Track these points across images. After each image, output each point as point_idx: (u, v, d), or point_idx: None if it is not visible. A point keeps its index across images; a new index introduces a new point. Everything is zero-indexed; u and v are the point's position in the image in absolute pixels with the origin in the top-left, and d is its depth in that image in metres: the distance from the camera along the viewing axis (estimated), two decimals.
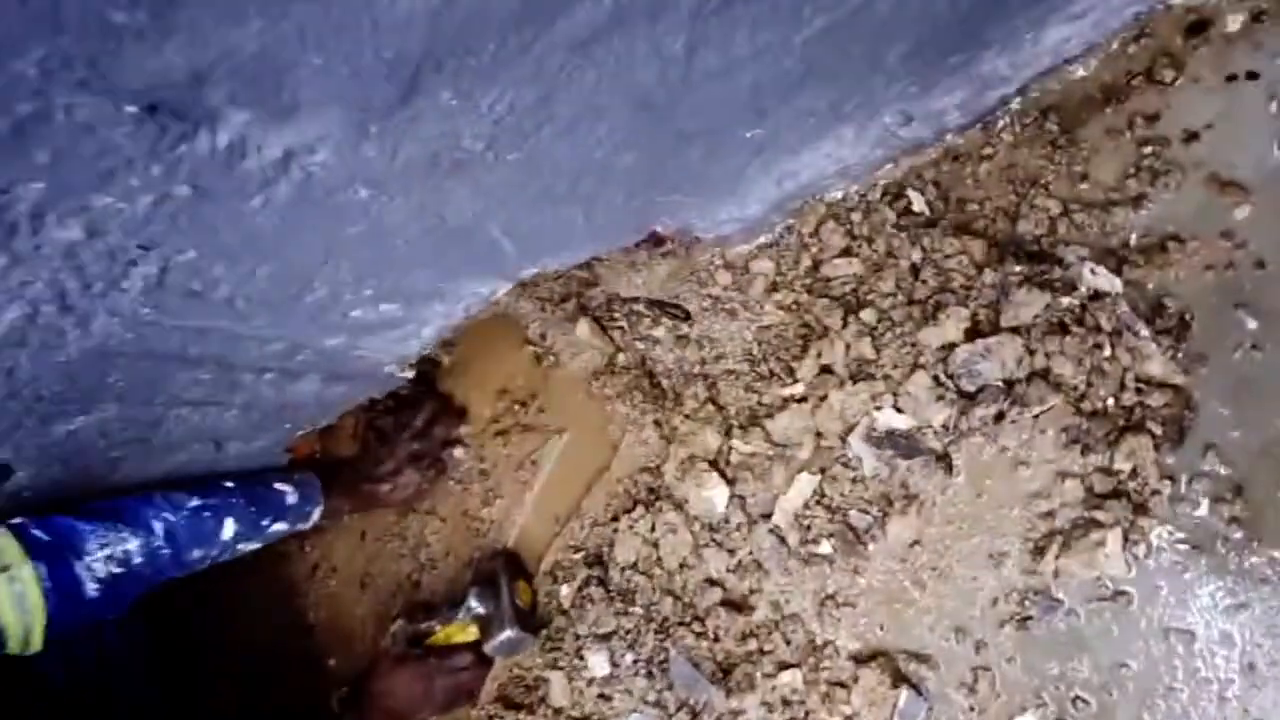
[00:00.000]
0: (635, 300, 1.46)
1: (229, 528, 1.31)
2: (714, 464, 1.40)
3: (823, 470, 1.34)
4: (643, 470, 1.49)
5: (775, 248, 1.43)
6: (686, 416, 1.43)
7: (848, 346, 1.30)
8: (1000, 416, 1.22)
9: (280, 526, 1.41)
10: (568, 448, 1.61)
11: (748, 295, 1.45)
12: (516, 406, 1.68)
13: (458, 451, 1.70)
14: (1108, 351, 1.13)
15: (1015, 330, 1.18)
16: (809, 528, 1.33)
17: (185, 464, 1.27)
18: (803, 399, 1.33)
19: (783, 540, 1.34)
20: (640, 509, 1.45)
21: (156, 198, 0.72)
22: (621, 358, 1.54)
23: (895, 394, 1.28)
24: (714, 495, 1.38)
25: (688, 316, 1.44)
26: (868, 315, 1.30)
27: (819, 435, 1.33)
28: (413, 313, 1.13)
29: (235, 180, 0.74)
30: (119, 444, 1.12)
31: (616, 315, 1.57)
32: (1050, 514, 1.17)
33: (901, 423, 1.29)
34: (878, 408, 1.29)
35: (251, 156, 0.72)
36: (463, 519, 1.71)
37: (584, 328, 1.49)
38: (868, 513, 1.31)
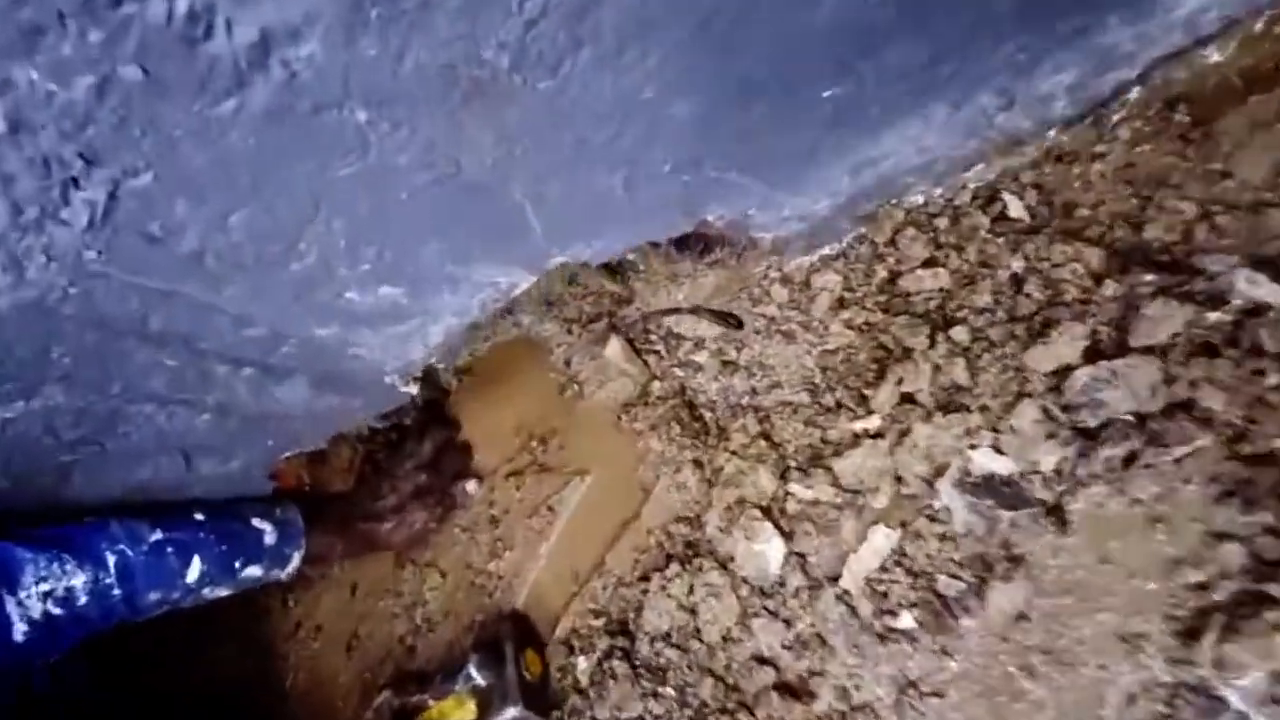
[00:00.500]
0: (676, 311, 1.31)
1: (195, 568, 1.15)
2: (767, 512, 1.21)
3: (903, 524, 1.15)
4: (679, 520, 1.31)
5: (843, 259, 1.28)
6: (733, 454, 1.25)
7: (935, 370, 1.13)
8: (1130, 459, 1.03)
9: (254, 571, 1.25)
10: (591, 492, 1.43)
11: (809, 314, 1.28)
12: (534, 443, 1.51)
13: (470, 486, 1.53)
14: (1273, 380, 0.94)
15: (1149, 351, 1.00)
16: (886, 595, 1.13)
17: (148, 482, 1.12)
18: (878, 434, 1.15)
19: (853, 610, 1.14)
20: (675, 567, 1.26)
21: (98, 80, 0.59)
22: (657, 386, 1.38)
23: (995, 429, 1.09)
24: (767, 551, 1.19)
25: (740, 325, 1.27)
26: (959, 334, 1.13)
27: (899, 480, 1.14)
28: (419, 302, 0.98)
29: (198, 69, 0.60)
30: (69, 445, 0.98)
31: (653, 337, 1.41)
32: (1203, 586, 0.96)
33: (1003, 466, 1.10)
34: (973, 446, 1.10)
35: (219, 35, 0.59)
36: (466, 573, 1.52)
37: (615, 348, 1.33)
38: (960, 578, 1.10)
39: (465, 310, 1.07)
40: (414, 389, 1.22)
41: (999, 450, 1.11)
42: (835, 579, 1.17)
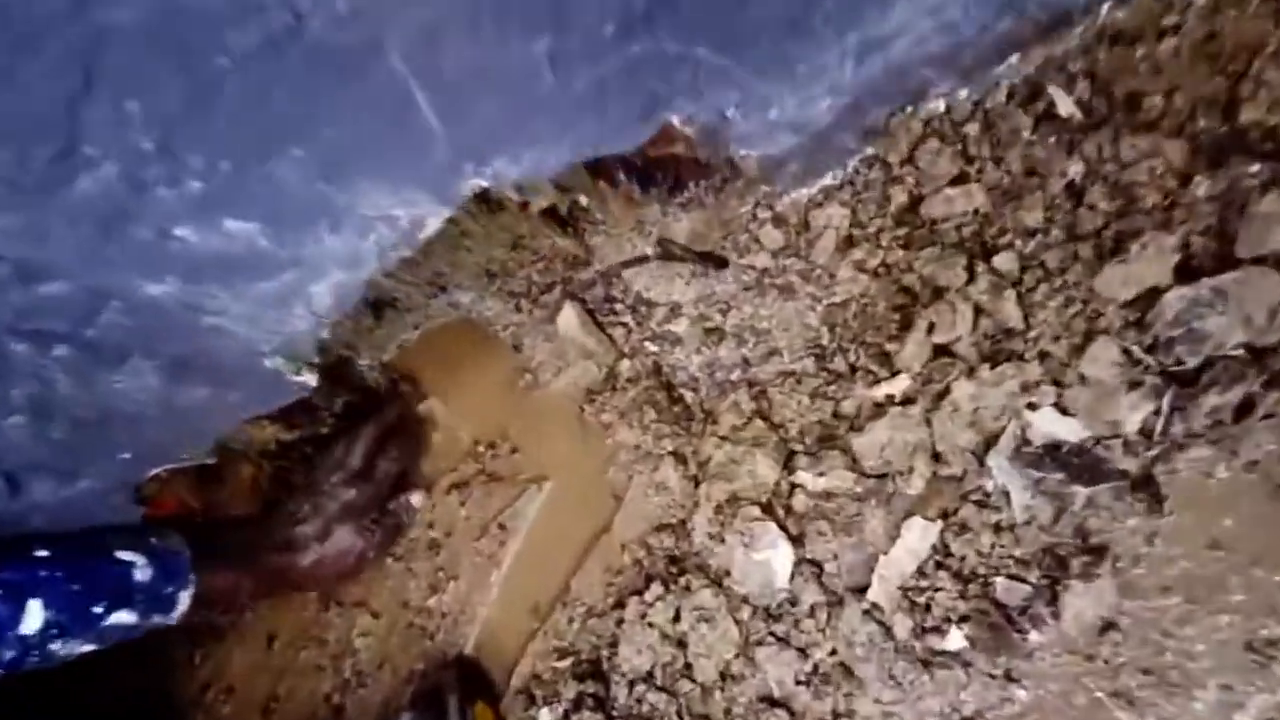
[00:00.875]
0: (640, 262, 1.07)
1: (34, 615, 0.91)
2: (768, 510, 0.98)
3: (945, 514, 0.92)
4: (660, 529, 1.08)
5: (850, 189, 1.05)
6: (724, 441, 1.02)
7: (977, 312, 0.90)
8: (1245, 410, 0.80)
9: (124, 617, 1.00)
10: (550, 503, 1.21)
11: (810, 260, 1.06)
12: (480, 448, 1.27)
13: (414, 499, 1.28)
14: None
15: (1262, 261, 0.77)
16: (928, 608, 0.90)
17: None
18: (907, 400, 0.93)
19: (886, 630, 0.91)
20: (657, 588, 1.04)
21: None
22: (626, 366, 1.14)
23: (1059, 382, 0.87)
24: (771, 560, 0.96)
25: (723, 264, 1.04)
26: (1004, 263, 0.91)
27: (936, 457, 0.91)
28: (286, 245, 0.75)
29: None
30: None
31: (619, 306, 1.17)
32: None
33: (1071, 429, 0.88)
34: (1031, 406, 0.88)
35: None
36: (402, 613, 1.28)
37: (570, 320, 1.11)
38: (1024, 580, 0.88)
39: (356, 259, 0.83)
40: (308, 378, 0.98)
41: (1066, 409, 0.89)
42: (861, 591, 0.94)
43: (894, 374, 0.98)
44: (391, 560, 1.34)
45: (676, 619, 1.05)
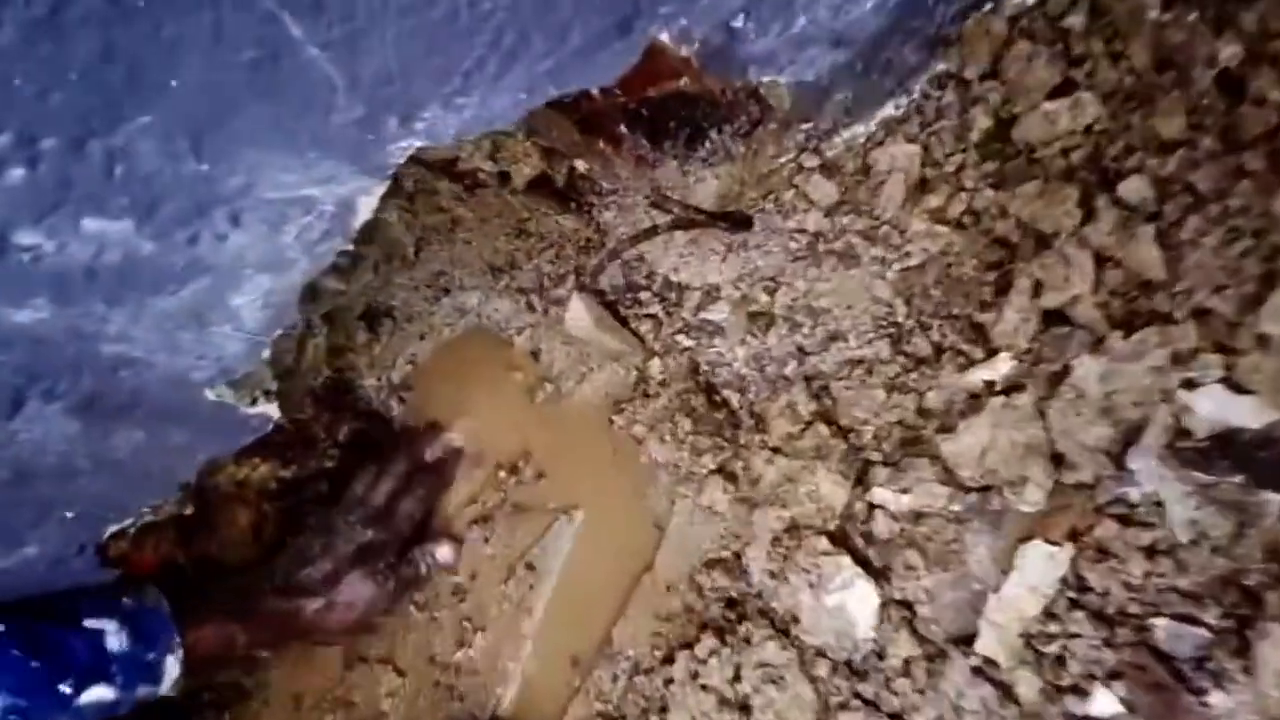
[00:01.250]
0: (651, 234, 0.89)
1: None
2: (839, 541, 0.80)
3: (1075, 534, 0.71)
4: (711, 565, 0.91)
5: (917, 118, 0.85)
6: (777, 453, 0.83)
7: (1099, 261, 0.68)
8: None
9: (103, 693, 0.90)
10: (583, 537, 1.05)
11: (874, 215, 0.87)
12: (502, 474, 1.11)
13: (442, 553, 1.14)
14: None
15: None
16: (1061, 662, 0.70)
17: None
18: (1013, 387, 0.72)
19: (1005, 692, 0.70)
20: (711, 640, 0.88)
21: None
22: (657, 366, 0.96)
23: (1227, 347, 0.64)
24: (847, 603, 0.78)
25: (746, 224, 0.85)
26: (1134, 191, 0.68)
27: (1056, 460, 0.70)
28: (176, 245, 0.61)
29: None
30: None
31: (644, 295, 1.00)
32: None
33: (1250, 411, 0.66)
34: (1189, 384, 0.66)
35: None
36: (429, 670, 1.15)
37: (579, 315, 0.94)
38: (1197, 620, 0.66)
39: (279, 259, 0.69)
40: (266, 409, 0.84)
41: (1239, 385, 0.66)
42: (968, 641, 0.74)
43: (992, 353, 0.77)
44: (414, 609, 1.20)
45: (736, 678, 0.88)
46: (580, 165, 0.90)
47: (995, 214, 0.81)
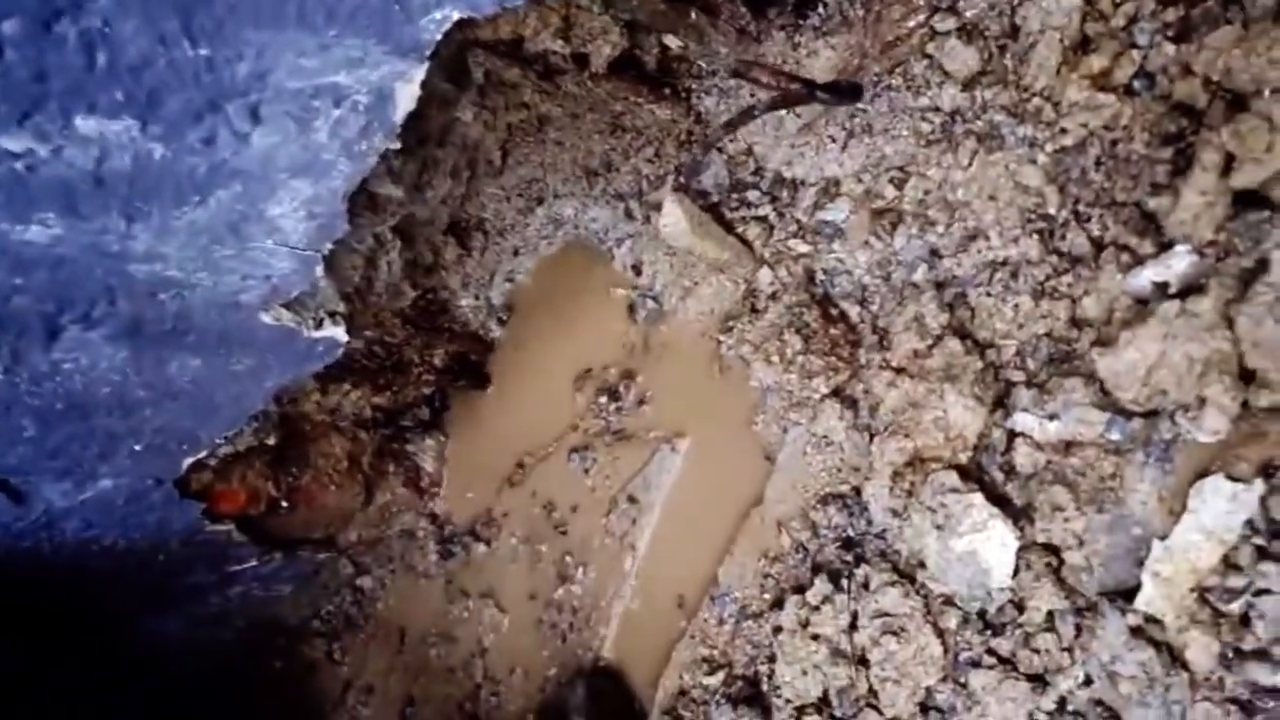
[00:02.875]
0: (749, 117, 0.84)
1: None
2: (970, 476, 0.74)
3: (1268, 468, 0.62)
4: (825, 499, 0.88)
5: None
6: (899, 374, 0.77)
7: None
8: None
9: None
10: (688, 467, 1.02)
11: (1023, 87, 0.79)
12: (602, 399, 1.12)
13: None
14: None
15: None
16: (1245, 622, 0.62)
17: None
18: (1191, 289, 0.63)
19: (1172, 655, 0.64)
20: (824, 583, 0.84)
21: None
22: (767, 277, 0.92)
23: None
24: (980, 549, 0.75)
25: (854, 95, 0.78)
26: None
27: (1247, 376, 0.61)
28: (190, 145, 0.64)
29: None
30: None
31: (752, 195, 0.94)
32: None
33: None
34: None
35: None
36: (530, 606, 1.17)
37: (676, 218, 0.89)
38: None
39: (314, 160, 0.70)
40: (333, 332, 0.86)
41: None
42: (1126, 595, 0.68)
43: (1165, 248, 0.69)
44: (513, 541, 1.23)
45: (853, 627, 0.84)
46: (672, 42, 0.85)
47: (1176, 74, 0.71)
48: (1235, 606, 0.66)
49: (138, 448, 0.93)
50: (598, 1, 0.76)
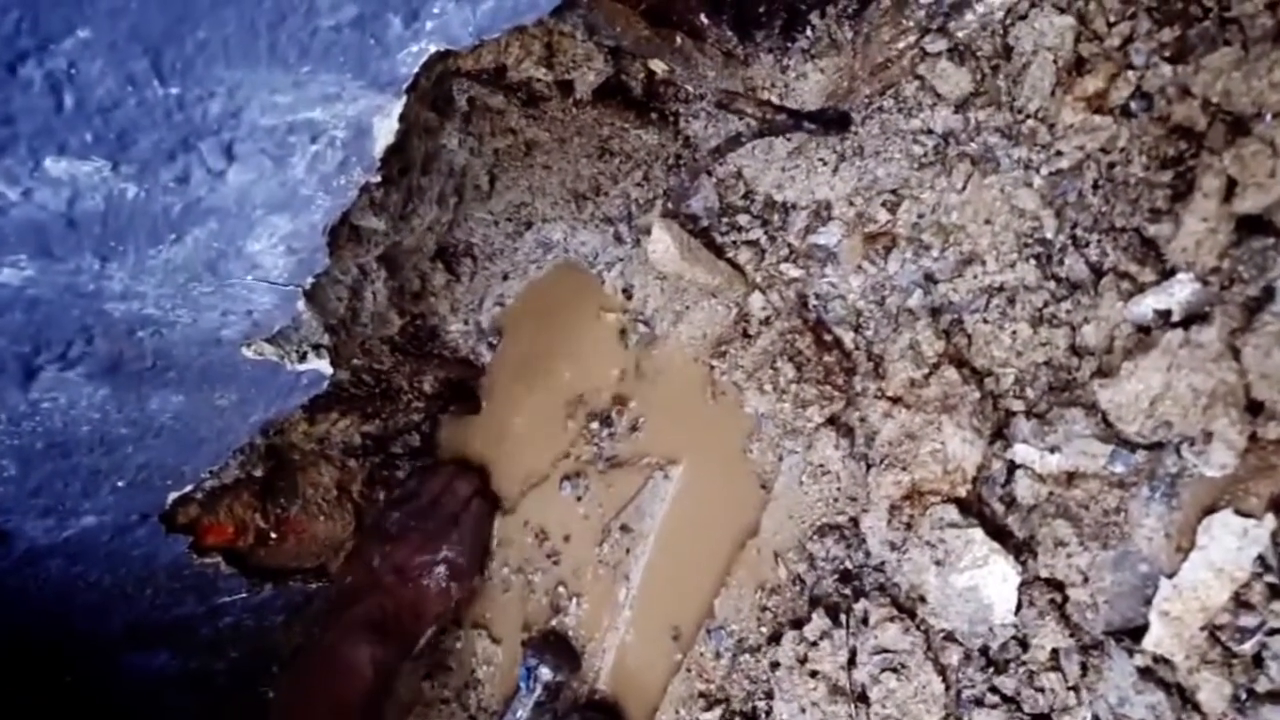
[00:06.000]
0: (735, 144, 0.81)
1: None
2: (970, 509, 0.71)
3: (1278, 503, 0.59)
4: (822, 531, 0.84)
5: None
6: (896, 404, 0.74)
7: None
8: None
9: None
10: (682, 495, 0.98)
11: (1016, 109, 0.77)
12: (594, 424, 1.08)
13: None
14: None
15: None
16: (1258, 663, 0.59)
17: None
18: (1195, 317, 0.60)
19: (1183, 698, 0.61)
20: (822, 619, 0.81)
21: None
22: (759, 302, 0.89)
23: None
24: (981, 584, 0.71)
25: (842, 124, 0.76)
26: None
27: (1254, 409, 0.59)
28: (164, 185, 0.61)
29: None
30: None
31: (742, 219, 0.92)
32: None
33: None
34: None
35: None
36: (524, 637, 1.13)
37: (664, 244, 0.86)
38: None
39: (292, 196, 0.67)
40: (317, 365, 0.83)
41: None
42: (1135, 634, 0.65)
43: (1167, 275, 0.66)
44: (507, 571, 1.19)
45: (852, 663, 0.81)
46: (657, 67, 0.83)
47: (1174, 95, 0.68)
48: (1248, 646, 0.63)
49: (121, 484, 0.90)
50: (580, 28, 0.73)
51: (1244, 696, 0.63)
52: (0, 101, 0.51)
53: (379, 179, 0.68)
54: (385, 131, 0.65)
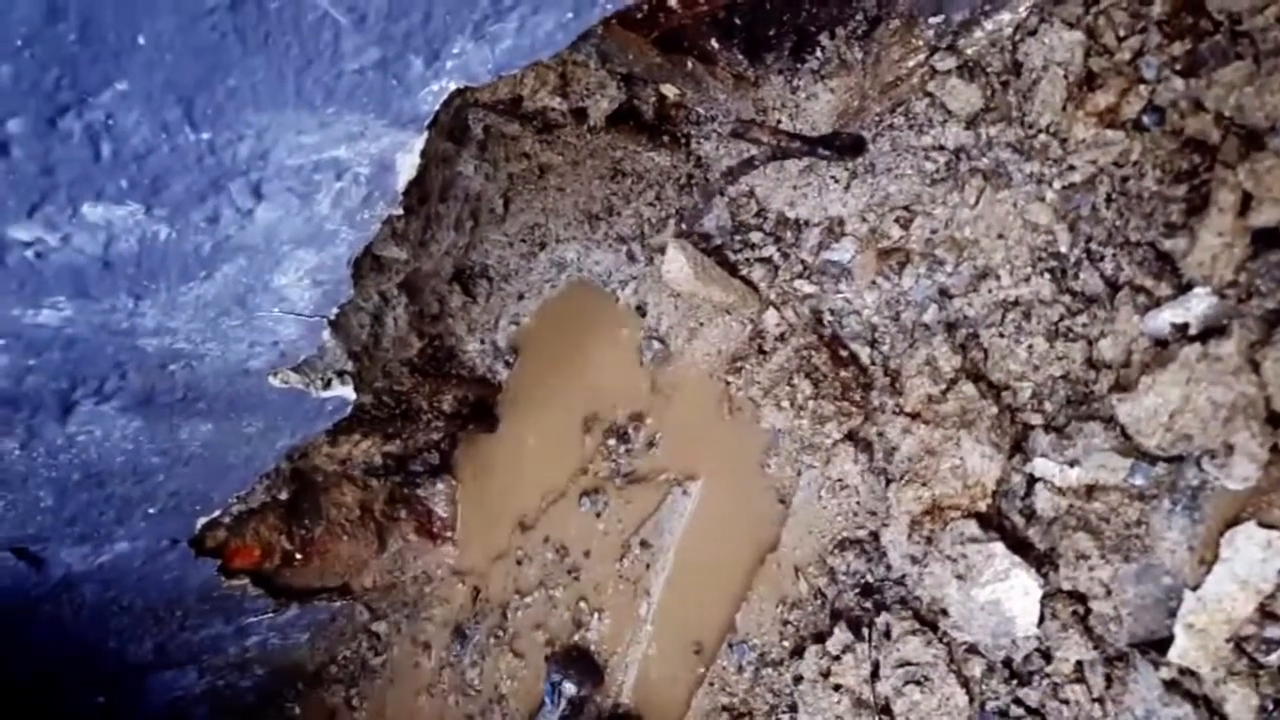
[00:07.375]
0: (748, 168, 0.81)
1: None
2: (990, 524, 0.70)
3: None
4: (841, 544, 0.83)
5: None
6: (914, 420, 0.74)
7: None
8: None
9: None
10: (700, 511, 0.98)
11: (1027, 124, 0.75)
12: (611, 441, 1.08)
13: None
14: None
15: None
16: None
17: None
18: (1211, 330, 0.60)
19: (1209, 709, 0.60)
20: (844, 632, 0.80)
21: None
22: (773, 319, 0.89)
23: None
24: (1003, 597, 0.69)
25: (856, 149, 0.76)
26: None
27: (1275, 421, 0.58)
28: (195, 224, 0.63)
29: None
30: None
31: (755, 237, 0.92)
32: None
33: None
34: None
35: None
36: (547, 652, 1.13)
37: (678, 264, 0.86)
38: None
39: (318, 231, 0.68)
40: (341, 390, 0.84)
41: None
42: (1160, 646, 0.65)
43: (1184, 289, 0.65)
44: (532, 586, 1.19)
45: (875, 676, 0.80)
46: (669, 92, 0.83)
47: (1186, 109, 0.67)
48: (1274, 658, 0.63)
49: (152, 511, 0.91)
50: (594, 57, 0.73)
51: (1271, 707, 0.62)
52: (41, 153, 0.52)
53: (400, 210, 0.68)
54: (407, 166, 0.65)
